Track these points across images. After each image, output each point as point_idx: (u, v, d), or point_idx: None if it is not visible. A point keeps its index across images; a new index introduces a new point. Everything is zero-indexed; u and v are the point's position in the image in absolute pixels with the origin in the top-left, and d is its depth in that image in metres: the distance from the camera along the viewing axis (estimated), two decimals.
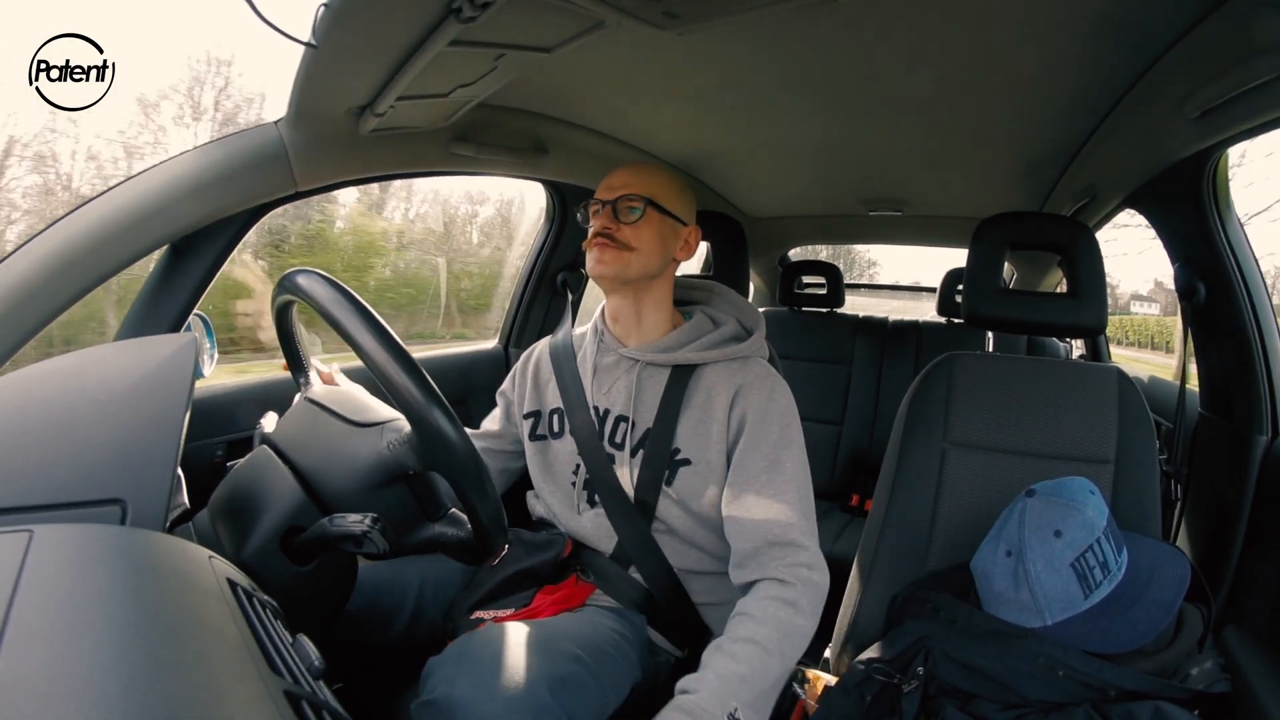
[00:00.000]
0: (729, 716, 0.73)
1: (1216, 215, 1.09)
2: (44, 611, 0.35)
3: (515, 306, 1.76)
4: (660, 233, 0.99)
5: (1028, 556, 0.85)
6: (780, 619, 0.82)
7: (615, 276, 0.98)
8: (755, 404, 0.95)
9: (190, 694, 0.33)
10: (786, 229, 2.52)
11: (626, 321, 1.03)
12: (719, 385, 0.97)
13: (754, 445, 0.94)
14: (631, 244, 0.97)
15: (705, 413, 0.97)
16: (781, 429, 0.95)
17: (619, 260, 0.97)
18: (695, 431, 0.96)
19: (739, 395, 0.96)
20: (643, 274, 0.99)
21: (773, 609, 0.83)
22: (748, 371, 0.98)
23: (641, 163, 1.04)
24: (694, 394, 0.98)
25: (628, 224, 0.97)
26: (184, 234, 0.94)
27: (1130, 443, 1.05)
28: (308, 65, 0.84)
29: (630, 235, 0.97)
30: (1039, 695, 0.81)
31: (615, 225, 0.97)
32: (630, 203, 0.98)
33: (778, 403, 0.97)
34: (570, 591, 0.98)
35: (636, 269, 0.98)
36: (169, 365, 0.61)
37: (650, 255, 0.98)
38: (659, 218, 0.99)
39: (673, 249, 1.02)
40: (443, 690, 0.70)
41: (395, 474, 0.71)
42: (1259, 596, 0.98)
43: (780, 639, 0.81)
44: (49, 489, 0.51)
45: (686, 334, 1.02)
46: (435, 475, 0.75)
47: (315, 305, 0.68)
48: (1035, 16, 0.87)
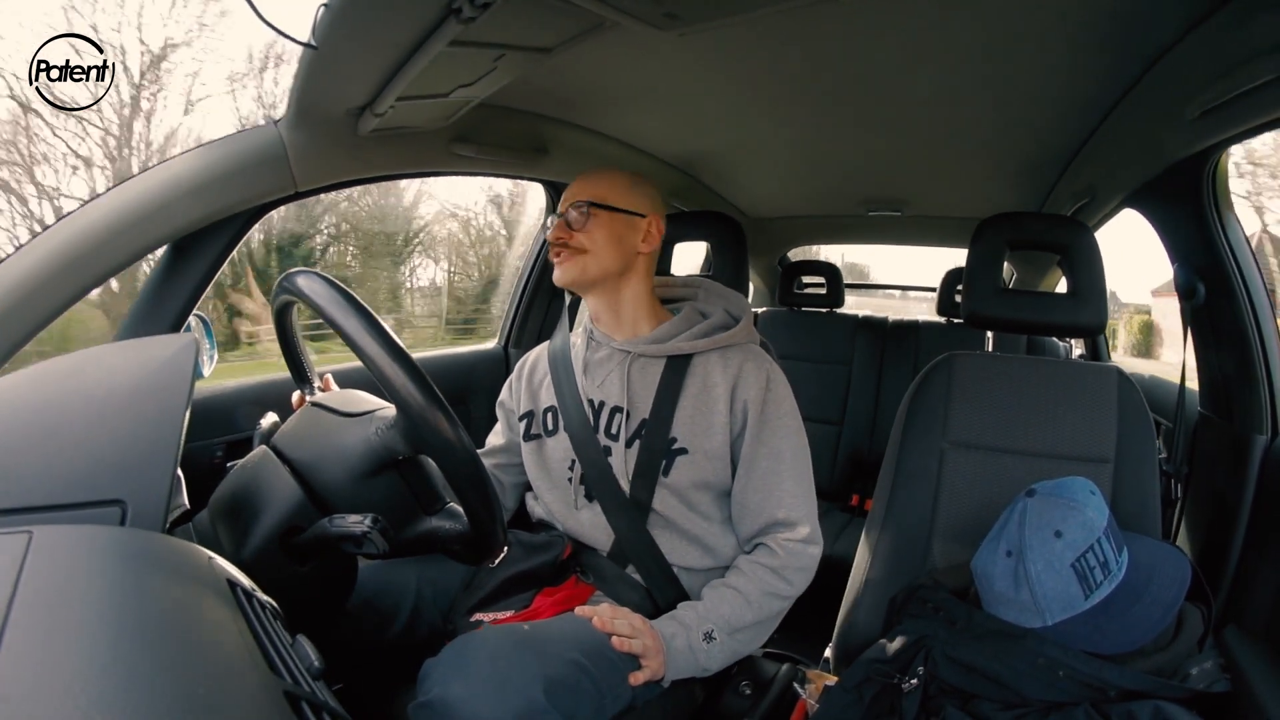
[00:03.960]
0: (705, 635, 0.90)
1: (1216, 215, 1.09)
2: (44, 612, 0.35)
3: (514, 307, 1.76)
4: (613, 230, 1.01)
5: (1028, 557, 0.85)
6: (765, 580, 0.94)
7: (575, 280, 1.01)
8: (755, 392, 0.97)
9: (190, 694, 0.33)
10: (786, 229, 2.53)
11: (608, 320, 1.06)
12: (716, 374, 0.99)
13: (757, 435, 0.97)
14: (585, 247, 1.00)
15: (704, 402, 0.98)
16: (781, 416, 0.98)
17: (575, 264, 1.01)
18: (694, 421, 0.97)
19: (738, 384, 0.98)
20: (603, 273, 1.01)
21: (760, 571, 0.94)
22: (744, 358, 1.00)
23: (591, 170, 1.07)
24: (690, 384, 0.99)
25: (578, 230, 1.00)
26: (184, 234, 0.94)
27: (1130, 442, 1.05)
28: (307, 65, 0.84)
29: (583, 239, 1.00)
30: (1039, 695, 0.81)
31: (567, 233, 1.01)
32: (577, 209, 1.01)
33: (776, 390, 0.99)
34: (570, 593, 0.97)
35: (595, 269, 1.01)
36: (169, 366, 0.61)
37: (606, 253, 1.00)
38: (608, 216, 1.01)
39: (633, 243, 1.03)
40: (438, 692, 0.70)
41: (385, 460, 0.71)
42: (1259, 596, 0.98)
43: (760, 596, 0.93)
44: (48, 490, 0.51)
45: (677, 326, 1.03)
46: (430, 468, 0.75)
47: (314, 306, 0.68)
48: (1035, 16, 0.87)
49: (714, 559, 0.99)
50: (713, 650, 0.90)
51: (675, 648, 0.88)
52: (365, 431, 0.72)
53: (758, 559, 0.95)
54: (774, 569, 0.94)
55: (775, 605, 0.95)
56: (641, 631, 0.87)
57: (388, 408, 0.75)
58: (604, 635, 0.88)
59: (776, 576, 0.94)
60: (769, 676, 1.03)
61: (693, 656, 0.89)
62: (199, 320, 1.00)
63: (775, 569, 0.94)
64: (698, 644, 0.89)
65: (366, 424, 0.73)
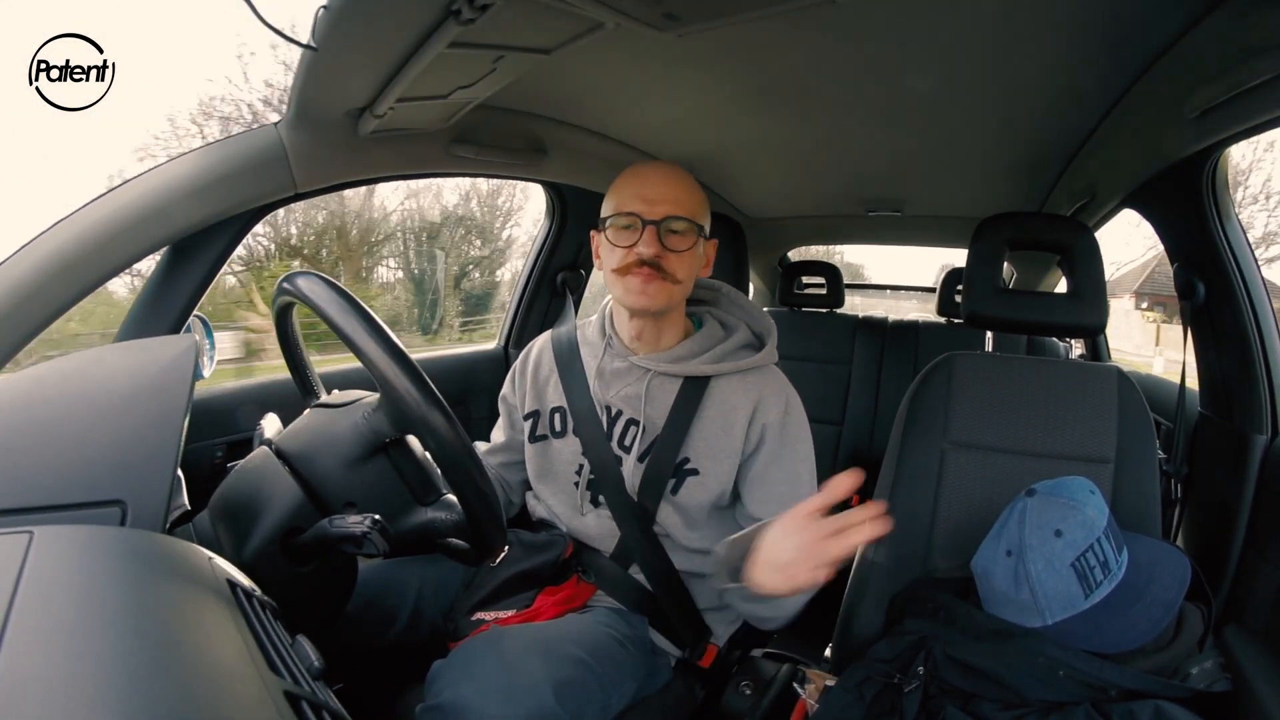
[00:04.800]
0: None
1: (1216, 215, 1.09)
2: (44, 612, 0.35)
3: (515, 307, 1.76)
4: (697, 257, 0.93)
5: (1028, 556, 0.85)
6: None
7: (661, 310, 0.91)
8: (774, 419, 0.95)
9: (190, 694, 0.33)
10: (786, 230, 2.53)
11: (648, 339, 0.98)
12: (736, 399, 0.95)
13: (774, 460, 0.95)
14: (678, 275, 0.89)
15: (722, 426, 0.95)
16: (799, 441, 0.96)
17: (665, 294, 0.89)
18: (709, 443, 0.95)
19: (758, 410, 0.95)
20: (682, 302, 0.96)
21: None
22: (764, 383, 0.97)
23: (675, 169, 0.94)
24: (708, 406, 0.96)
25: (675, 251, 0.89)
26: (184, 235, 0.94)
27: (1130, 442, 1.05)
28: (307, 67, 0.84)
29: (677, 265, 0.89)
30: (1039, 695, 0.81)
31: (664, 252, 0.88)
32: (679, 225, 0.89)
33: (793, 416, 0.97)
34: (572, 592, 0.98)
35: (679, 300, 0.93)
36: (169, 366, 0.61)
37: (690, 283, 0.93)
38: (696, 240, 0.92)
39: (699, 268, 0.96)
40: (449, 694, 0.70)
41: (374, 444, 0.72)
42: (1259, 596, 0.98)
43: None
44: (49, 490, 0.52)
45: (699, 343, 0.98)
46: (420, 455, 0.76)
47: (314, 307, 0.68)
48: (1035, 16, 0.87)
49: (714, 566, 0.99)
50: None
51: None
52: (354, 418, 0.73)
53: None
54: None
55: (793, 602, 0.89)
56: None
57: (375, 395, 0.76)
58: (607, 633, 0.88)
59: None
60: (769, 676, 1.03)
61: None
62: (199, 321, 1.01)
63: None
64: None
65: (354, 411, 0.74)
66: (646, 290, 0.88)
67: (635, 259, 0.88)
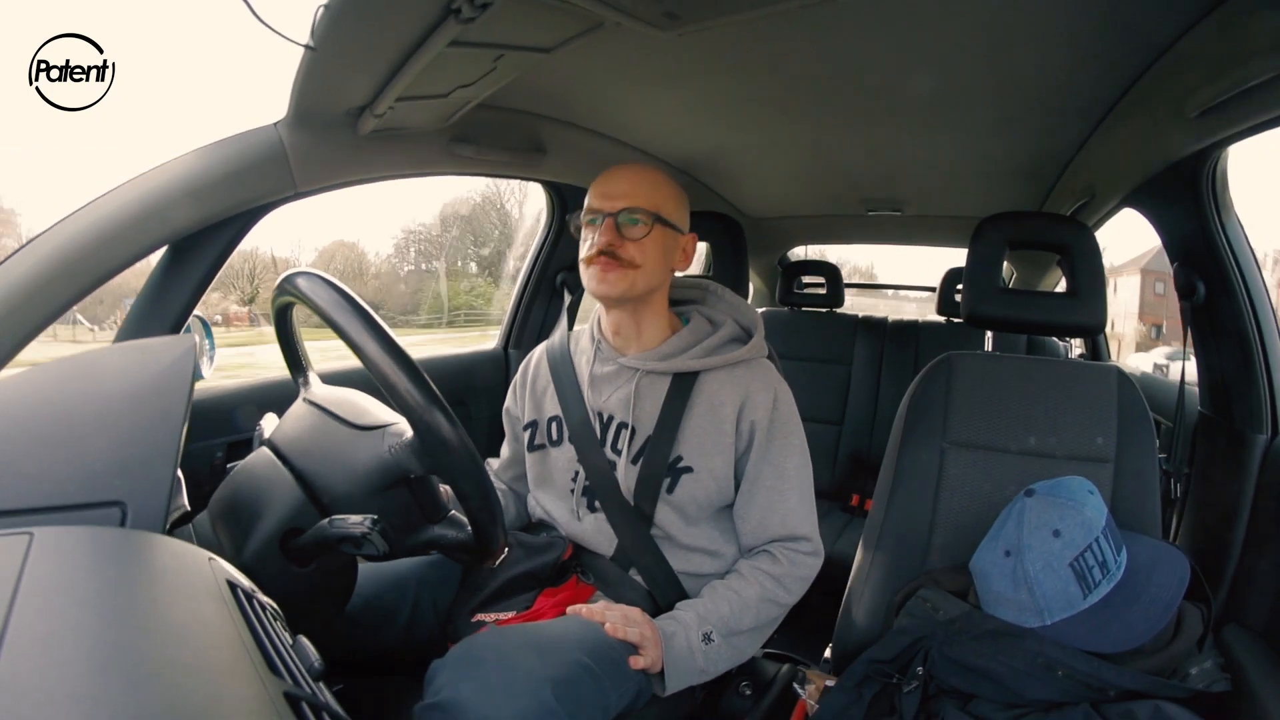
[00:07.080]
0: (704, 635, 0.89)
1: (1216, 215, 1.09)
2: (44, 613, 0.35)
3: (515, 308, 1.75)
4: (663, 246, 0.95)
5: (1027, 556, 0.86)
6: (765, 586, 0.94)
7: (621, 296, 0.94)
8: (762, 413, 0.96)
9: (190, 695, 0.33)
10: (786, 229, 2.53)
11: (627, 334, 1.01)
12: (724, 393, 0.96)
13: (764, 454, 0.96)
14: (636, 261, 0.93)
15: (711, 421, 0.96)
16: (787, 435, 0.97)
17: (624, 279, 0.93)
18: (700, 439, 0.96)
19: (746, 404, 0.96)
20: (647, 290, 0.96)
21: (761, 577, 0.94)
22: (751, 377, 0.98)
23: (639, 166, 0.99)
24: (697, 402, 0.97)
25: (632, 240, 0.93)
26: (184, 235, 0.94)
27: (1130, 442, 1.05)
28: (306, 66, 0.84)
29: (635, 252, 0.93)
30: (1038, 695, 0.81)
31: (619, 241, 0.92)
32: (635, 216, 0.93)
33: (782, 409, 0.98)
34: (571, 594, 0.97)
35: (642, 286, 0.95)
36: (169, 367, 0.61)
37: (654, 270, 0.95)
38: (662, 231, 0.95)
39: (673, 260, 0.99)
40: (448, 693, 0.70)
41: (397, 478, 0.71)
42: (1259, 595, 0.98)
43: (759, 601, 0.93)
44: (49, 491, 0.51)
45: (685, 339, 0.99)
46: (438, 484, 0.75)
47: (315, 308, 0.68)
48: (1036, 16, 0.87)
49: (715, 564, 0.99)
50: (710, 652, 0.89)
51: (675, 645, 0.87)
52: (377, 447, 0.72)
53: (759, 564, 0.95)
54: (775, 576, 0.94)
55: (772, 612, 0.95)
56: (638, 621, 0.87)
57: (399, 422, 0.74)
58: (607, 634, 0.88)
59: (777, 584, 0.94)
60: (769, 676, 1.03)
61: (691, 657, 0.88)
62: (199, 321, 1.00)
63: (777, 577, 0.94)
64: (696, 644, 0.88)
65: (378, 439, 0.72)
66: (606, 278, 0.93)
67: (595, 250, 0.93)
